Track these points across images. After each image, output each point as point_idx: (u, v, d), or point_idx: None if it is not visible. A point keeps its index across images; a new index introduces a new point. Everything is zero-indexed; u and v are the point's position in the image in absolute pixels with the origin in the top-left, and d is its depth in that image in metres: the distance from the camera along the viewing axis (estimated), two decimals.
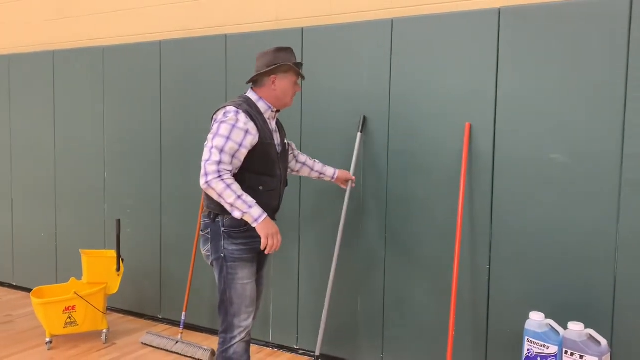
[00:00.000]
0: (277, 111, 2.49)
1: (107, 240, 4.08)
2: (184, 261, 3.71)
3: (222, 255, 2.36)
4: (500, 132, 2.72)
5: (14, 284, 4.69)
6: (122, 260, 3.60)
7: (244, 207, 2.20)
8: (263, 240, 2.24)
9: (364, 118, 3.05)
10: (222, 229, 2.35)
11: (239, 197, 2.19)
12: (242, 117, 2.28)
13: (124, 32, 4.13)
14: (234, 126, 2.25)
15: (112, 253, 3.66)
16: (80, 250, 3.73)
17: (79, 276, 3.73)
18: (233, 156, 2.25)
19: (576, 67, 2.55)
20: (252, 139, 2.29)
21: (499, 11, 2.70)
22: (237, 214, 2.21)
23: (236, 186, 2.21)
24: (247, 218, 2.22)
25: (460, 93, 2.81)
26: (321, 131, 3.20)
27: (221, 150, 2.20)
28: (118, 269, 3.56)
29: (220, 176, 2.18)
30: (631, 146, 2.45)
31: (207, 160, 2.19)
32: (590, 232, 2.55)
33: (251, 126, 2.29)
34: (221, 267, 2.37)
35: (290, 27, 3.33)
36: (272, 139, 2.41)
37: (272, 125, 2.46)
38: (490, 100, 2.74)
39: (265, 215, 2.24)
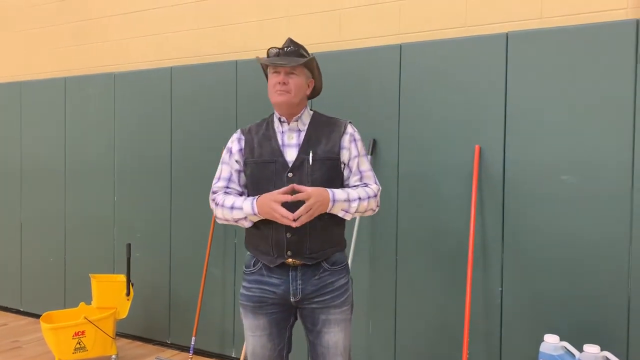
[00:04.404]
0: (296, 119, 2.07)
1: (117, 265, 4.08)
2: (194, 285, 3.71)
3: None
4: (510, 154, 2.74)
5: (22, 310, 4.67)
6: (132, 284, 3.60)
7: (240, 214, 1.98)
8: (277, 221, 1.92)
9: (374, 141, 3.08)
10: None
11: (232, 208, 1.99)
12: (234, 136, 2.14)
13: (135, 59, 4.20)
14: (226, 148, 2.15)
15: (122, 277, 3.66)
16: (90, 275, 3.73)
17: (88, 301, 3.72)
18: (229, 179, 2.10)
19: (584, 90, 2.58)
20: (233, 158, 2.10)
21: (507, 36, 2.75)
22: (246, 224, 2.01)
23: (228, 199, 2.01)
24: (253, 219, 1.98)
25: (469, 116, 2.84)
26: None
27: (217, 178, 2.11)
28: (128, 294, 3.55)
29: (214, 200, 2.05)
30: None
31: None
32: (602, 253, 2.55)
33: (234, 145, 2.11)
34: None
35: None
36: (275, 155, 2.03)
37: (285, 138, 2.06)
38: (500, 123, 2.77)
39: (255, 200, 1.95)
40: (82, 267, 4.24)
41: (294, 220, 1.86)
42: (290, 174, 1.99)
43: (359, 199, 2.00)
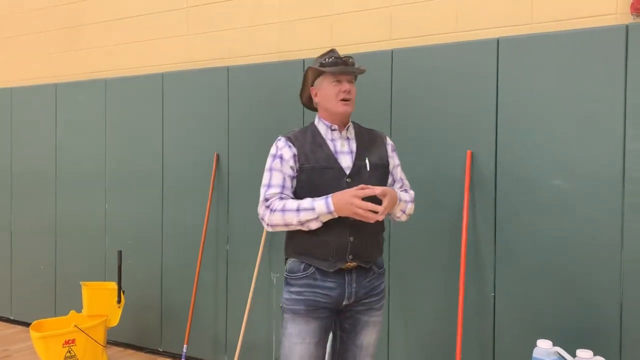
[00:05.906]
0: (346, 128, 2.13)
1: (108, 272, 4.04)
2: (186, 293, 3.68)
3: (281, 304, 2.11)
4: (502, 159, 2.74)
5: (12, 318, 4.63)
6: (123, 292, 3.57)
7: (311, 214, 1.93)
8: (357, 217, 1.90)
9: None
10: (285, 273, 2.11)
11: (298, 210, 1.94)
12: (280, 143, 2.09)
13: (127, 65, 4.18)
14: (272, 155, 2.09)
15: (113, 285, 3.63)
16: (81, 283, 3.69)
17: (78, 309, 3.69)
18: (283, 186, 2.04)
19: (574, 94, 2.59)
20: (287, 164, 2.05)
21: (498, 41, 2.76)
22: (313, 225, 1.95)
23: (290, 202, 1.97)
24: (324, 219, 1.94)
25: (461, 121, 2.84)
26: None
27: (268, 186, 2.04)
28: (119, 301, 3.52)
29: (269, 207, 1.99)
30: (632, 170, 2.48)
31: (259, 205, 2.04)
32: (594, 258, 2.55)
33: (285, 151, 2.05)
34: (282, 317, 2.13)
35: (292, 59, 3.39)
36: (331, 162, 2.04)
37: (337, 145, 2.09)
38: (491, 128, 2.77)
39: (329, 199, 1.92)
40: (73, 274, 4.20)
41: (377, 213, 1.89)
42: (348, 180, 2.03)
43: (411, 201, 2.18)
